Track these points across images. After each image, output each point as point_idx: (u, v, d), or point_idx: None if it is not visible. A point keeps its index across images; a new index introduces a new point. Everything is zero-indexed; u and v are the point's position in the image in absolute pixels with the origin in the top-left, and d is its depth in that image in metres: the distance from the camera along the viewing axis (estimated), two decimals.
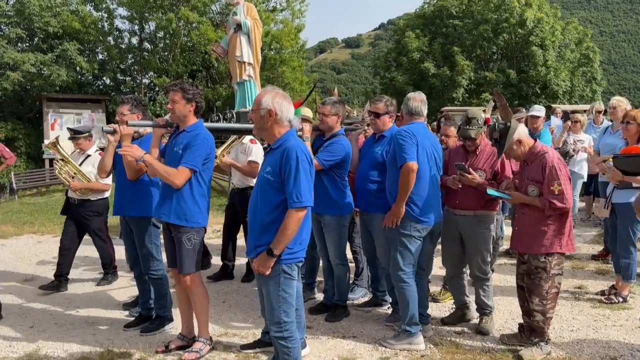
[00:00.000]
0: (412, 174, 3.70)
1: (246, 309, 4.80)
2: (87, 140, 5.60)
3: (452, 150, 4.35)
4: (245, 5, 5.16)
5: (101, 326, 4.42)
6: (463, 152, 4.17)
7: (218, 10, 18.48)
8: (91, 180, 5.42)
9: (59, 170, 5.50)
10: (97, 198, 5.55)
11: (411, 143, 3.73)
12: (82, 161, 5.54)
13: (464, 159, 4.11)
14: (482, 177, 3.98)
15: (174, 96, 3.64)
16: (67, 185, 5.45)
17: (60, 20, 16.64)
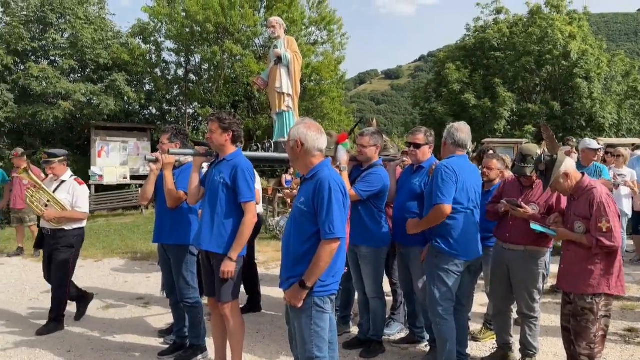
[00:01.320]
0: (442, 217, 3.64)
1: (279, 341, 4.74)
2: (62, 164, 5.08)
3: (507, 183, 4.22)
4: (286, 38, 5.27)
5: (136, 353, 4.44)
6: (518, 186, 4.05)
7: (261, 43, 18.97)
8: (66, 209, 4.97)
9: (30, 198, 5.03)
10: (72, 228, 5.03)
11: (451, 183, 3.64)
12: (56, 188, 5.06)
13: (519, 192, 4.00)
14: (536, 211, 3.85)
15: (212, 126, 3.72)
16: (40, 214, 4.98)
17: (110, 53, 17.41)
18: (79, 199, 5.05)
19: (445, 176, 3.63)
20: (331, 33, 19.33)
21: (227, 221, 3.65)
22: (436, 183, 3.66)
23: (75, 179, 5.16)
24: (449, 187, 3.62)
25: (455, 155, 3.85)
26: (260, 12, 18.62)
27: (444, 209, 3.60)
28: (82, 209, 5.06)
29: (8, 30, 16.38)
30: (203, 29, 17.02)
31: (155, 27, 18.20)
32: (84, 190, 5.15)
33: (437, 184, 3.65)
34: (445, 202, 3.60)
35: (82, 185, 5.16)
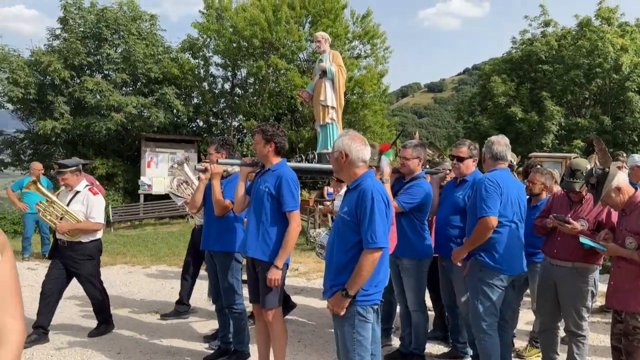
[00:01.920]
0: (489, 230, 3.58)
1: (321, 351, 4.78)
2: (75, 175, 4.97)
3: (556, 198, 4.14)
4: (331, 52, 5.39)
5: (182, 357, 4.57)
6: (567, 201, 3.97)
7: (305, 57, 19.26)
8: (80, 220, 4.89)
9: (43, 212, 4.98)
10: (89, 240, 4.97)
11: (495, 195, 3.59)
12: (71, 199, 4.99)
13: (568, 208, 3.92)
14: (584, 227, 3.77)
15: (256, 137, 3.85)
16: (54, 227, 4.95)
17: (161, 67, 18.06)
18: (93, 209, 4.94)
19: (489, 188, 3.59)
20: (374, 47, 19.45)
21: (272, 229, 3.75)
22: (480, 196, 3.61)
23: (90, 189, 5.05)
24: (493, 199, 3.57)
25: (497, 169, 3.82)
26: (305, 27, 18.94)
27: (489, 221, 3.55)
28: (97, 220, 4.94)
29: (66, 45, 17.25)
30: (249, 44, 17.44)
31: (204, 43, 18.79)
32: (98, 200, 5.03)
33: (481, 196, 3.60)
34: (491, 214, 3.55)
35: (97, 195, 5.06)
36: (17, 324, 1.32)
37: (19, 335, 1.31)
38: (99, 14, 17.75)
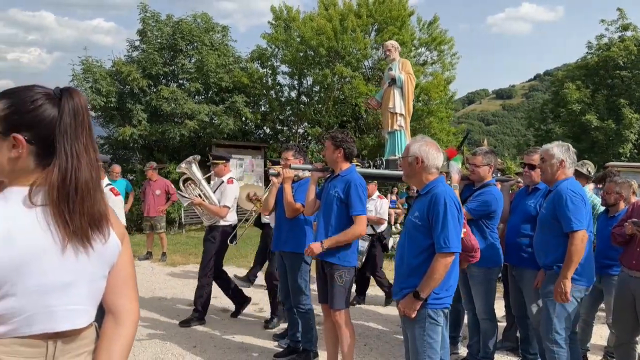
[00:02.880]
0: (584, 244, 3.47)
1: (387, 355, 4.84)
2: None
3: (635, 208, 4.00)
4: (400, 61, 5.47)
5: (253, 353, 4.77)
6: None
7: (370, 65, 19.36)
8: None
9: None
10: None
11: (582, 207, 3.50)
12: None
13: None
14: None
15: (326, 144, 4.01)
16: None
17: (231, 76, 18.74)
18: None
19: (575, 200, 3.48)
20: (441, 53, 19.24)
21: (340, 232, 3.88)
22: (567, 208, 3.48)
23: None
24: (581, 211, 3.49)
25: (572, 177, 3.75)
26: (371, 35, 19.04)
27: (582, 235, 3.45)
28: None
29: (144, 56, 18.25)
30: (316, 52, 17.75)
31: (272, 52, 19.31)
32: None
33: (569, 209, 3.47)
34: (582, 228, 3.45)
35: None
36: (134, 306, 1.51)
37: (135, 316, 1.50)
38: (174, 26, 18.66)
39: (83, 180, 1.32)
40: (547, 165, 3.73)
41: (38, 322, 1.30)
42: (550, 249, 3.67)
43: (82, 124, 1.35)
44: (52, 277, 1.30)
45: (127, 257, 1.49)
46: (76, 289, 1.36)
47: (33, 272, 1.27)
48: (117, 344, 1.44)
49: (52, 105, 1.32)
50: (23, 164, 1.32)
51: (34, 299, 1.29)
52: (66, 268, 1.33)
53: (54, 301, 1.32)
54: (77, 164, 1.31)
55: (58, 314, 1.33)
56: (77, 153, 1.32)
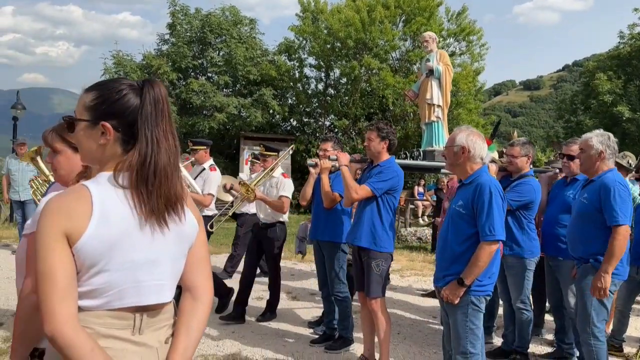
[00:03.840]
0: (625, 239, 3.43)
1: (421, 343, 4.90)
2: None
3: None
4: (438, 52, 5.49)
5: (289, 339, 4.89)
6: None
7: (397, 57, 19.28)
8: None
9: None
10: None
11: (628, 201, 3.46)
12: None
13: None
14: None
15: (370, 135, 4.06)
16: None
17: (259, 69, 18.90)
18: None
19: (623, 194, 3.42)
20: (470, 44, 19.04)
21: (377, 220, 3.97)
22: (614, 201, 3.41)
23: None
24: (627, 206, 3.44)
25: (615, 169, 3.70)
26: (399, 26, 18.95)
27: (626, 230, 3.41)
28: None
29: (174, 49, 18.54)
30: (343, 44, 17.77)
31: (300, 45, 19.38)
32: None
33: (616, 201, 3.40)
34: (627, 223, 3.41)
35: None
36: (210, 284, 1.62)
37: (211, 293, 1.62)
38: (203, 19, 18.89)
39: (162, 164, 1.40)
40: (586, 155, 3.68)
41: (128, 295, 1.40)
42: (588, 241, 3.61)
43: (162, 112, 1.43)
44: (140, 254, 1.40)
45: (203, 237, 1.59)
46: (161, 266, 1.46)
47: (124, 249, 1.37)
48: (195, 319, 1.54)
49: (135, 95, 1.42)
50: (111, 150, 1.41)
51: (125, 274, 1.38)
52: (151, 245, 1.42)
53: (142, 277, 1.42)
54: (156, 149, 1.40)
55: (146, 289, 1.43)
56: (156, 139, 1.40)
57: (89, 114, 1.41)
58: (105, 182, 1.39)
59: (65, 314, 1.28)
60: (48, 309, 1.26)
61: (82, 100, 1.43)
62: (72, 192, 1.35)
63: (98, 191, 1.36)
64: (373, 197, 3.97)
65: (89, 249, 1.31)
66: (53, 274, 1.28)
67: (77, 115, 1.43)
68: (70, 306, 1.29)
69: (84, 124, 1.42)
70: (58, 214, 1.30)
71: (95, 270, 1.33)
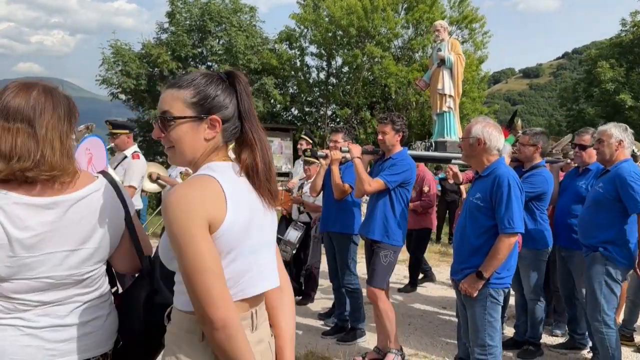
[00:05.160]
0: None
1: (432, 334, 4.90)
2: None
3: None
4: (450, 41, 5.43)
5: (299, 331, 4.88)
6: None
7: (400, 45, 19.14)
8: None
9: None
10: None
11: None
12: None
13: None
14: None
15: (384, 128, 4.02)
16: None
17: (260, 58, 18.75)
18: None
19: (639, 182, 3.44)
20: (472, 32, 18.90)
21: (389, 213, 3.96)
22: (633, 189, 3.43)
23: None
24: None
25: (631, 159, 3.70)
26: (401, 14, 18.79)
27: None
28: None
29: (174, 38, 18.37)
30: (345, 32, 17.61)
31: (301, 33, 19.21)
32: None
33: (634, 190, 3.42)
34: None
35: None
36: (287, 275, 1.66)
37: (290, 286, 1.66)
38: (203, 7, 18.69)
39: (269, 156, 1.46)
40: (604, 145, 3.68)
41: (257, 280, 1.41)
42: (600, 229, 3.63)
43: (251, 103, 1.47)
44: (263, 235, 1.44)
45: None
46: (272, 247, 1.52)
47: (253, 232, 1.39)
48: (288, 309, 1.58)
49: (229, 88, 1.43)
50: (216, 142, 1.42)
51: (252, 258, 1.40)
52: (269, 228, 1.49)
53: (261, 259, 1.44)
54: (264, 141, 1.45)
55: (265, 273, 1.46)
56: (258, 132, 1.45)
57: (194, 110, 1.39)
58: (222, 170, 1.38)
59: (232, 302, 1.29)
60: (216, 297, 1.25)
61: (180, 97, 1.40)
62: (199, 181, 1.33)
63: (222, 178, 1.35)
64: (386, 189, 3.95)
65: (229, 235, 1.31)
66: (212, 263, 1.26)
67: (178, 113, 1.39)
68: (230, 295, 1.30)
69: (189, 121, 1.39)
70: (199, 203, 1.27)
71: (231, 257, 1.34)
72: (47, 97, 1.49)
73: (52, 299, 1.48)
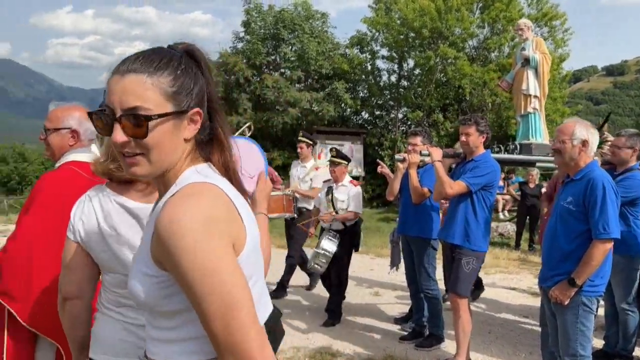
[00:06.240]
0: None
1: (514, 343, 4.74)
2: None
3: None
4: (534, 40, 5.25)
5: (377, 335, 4.88)
6: None
7: (474, 45, 18.66)
8: None
9: None
10: None
11: None
12: None
13: None
14: None
15: (468, 129, 3.95)
16: None
17: (331, 63, 18.95)
18: None
19: None
20: (552, 29, 18.06)
21: (471, 217, 3.87)
22: None
23: None
24: None
25: None
26: (476, 13, 18.32)
27: None
28: None
29: (249, 46, 18.97)
30: (418, 34, 17.42)
31: (373, 37, 19.23)
32: None
33: None
34: None
35: None
36: None
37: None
38: (276, 15, 19.17)
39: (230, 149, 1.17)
40: None
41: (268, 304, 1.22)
42: None
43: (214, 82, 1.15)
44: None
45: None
46: None
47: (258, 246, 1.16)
48: None
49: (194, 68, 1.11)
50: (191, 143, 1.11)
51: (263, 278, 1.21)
52: None
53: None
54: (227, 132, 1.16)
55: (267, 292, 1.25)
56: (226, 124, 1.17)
57: (174, 103, 1.04)
58: (216, 176, 1.10)
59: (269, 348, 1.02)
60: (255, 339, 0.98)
61: (156, 86, 1.02)
62: (211, 193, 1.03)
63: (225, 187, 1.08)
64: (468, 193, 3.87)
65: (250, 257, 1.08)
66: (249, 297, 1.00)
67: (157, 108, 1.02)
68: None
69: (172, 118, 1.04)
70: (224, 222, 1.01)
71: (252, 282, 1.08)
72: None
73: None
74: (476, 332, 4.03)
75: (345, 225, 5.11)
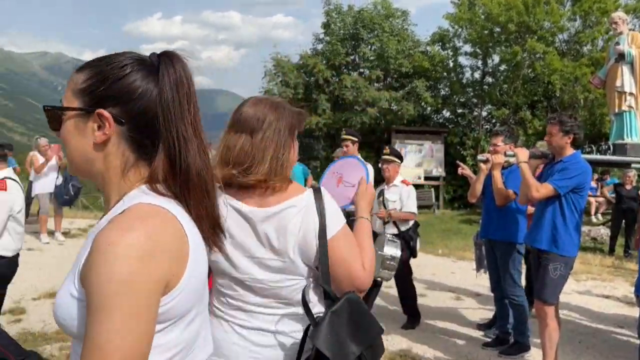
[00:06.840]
0: None
1: (607, 354, 4.46)
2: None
3: None
4: (630, 34, 4.90)
5: (458, 340, 4.76)
6: None
7: (565, 39, 17.66)
8: None
9: None
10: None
11: None
12: None
13: None
14: None
15: (552, 129, 3.75)
16: None
17: (412, 61, 18.70)
18: None
19: None
20: None
21: (559, 221, 3.67)
22: None
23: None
24: None
25: None
26: (566, 6, 17.33)
27: None
28: None
29: (328, 48, 19.17)
30: (504, 29, 16.77)
31: (455, 33, 18.76)
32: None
33: None
34: None
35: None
36: None
37: None
38: (356, 15, 19.22)
39: (194, 170, 1.00)
40: None
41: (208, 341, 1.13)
42: None
43: (187, 98, 1.00)
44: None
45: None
46: None
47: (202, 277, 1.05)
48: None
49: (147, 74, 1.00)
50: (117, 154, 1.00)
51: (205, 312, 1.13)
52: None
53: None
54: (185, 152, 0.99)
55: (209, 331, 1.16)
56: (183, 136, 0.99)
57: (81, 100, 0.99)
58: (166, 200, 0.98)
59: None
60: None
61: (73, 82, 1.01)
62: (161, 217, 0.93)
63: (175, 211, 0.97)
64: (556, 196, 3.69)
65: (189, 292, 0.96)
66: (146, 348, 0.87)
67: (65, 103, 1.01)
68: None
69: (74, 115, 1.00)
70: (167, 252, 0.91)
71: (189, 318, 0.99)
72: (272, 111, 1.52)
73: (256, 302, 1.53)
74: (565, 341, 3.83)
75: (399, 229, 4.80)
